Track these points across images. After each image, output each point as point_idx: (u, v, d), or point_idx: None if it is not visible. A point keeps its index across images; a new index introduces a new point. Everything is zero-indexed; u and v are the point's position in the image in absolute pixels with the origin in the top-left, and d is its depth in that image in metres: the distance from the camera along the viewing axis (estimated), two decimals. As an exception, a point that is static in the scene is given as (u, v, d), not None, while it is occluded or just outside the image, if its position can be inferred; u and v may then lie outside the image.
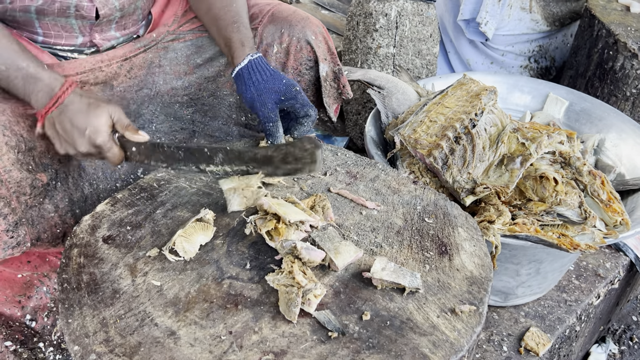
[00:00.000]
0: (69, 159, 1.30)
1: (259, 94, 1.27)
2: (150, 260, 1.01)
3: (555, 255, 1.41)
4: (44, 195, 1.22)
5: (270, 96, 1.27)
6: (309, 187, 1.22)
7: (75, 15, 1.28)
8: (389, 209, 1.17)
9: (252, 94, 1.28)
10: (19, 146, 1.17)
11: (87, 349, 0.85)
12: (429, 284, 0.99)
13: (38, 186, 1.20)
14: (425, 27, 2.07)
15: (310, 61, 1.51)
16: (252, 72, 1.30)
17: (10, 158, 1.14)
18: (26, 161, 1.18)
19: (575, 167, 1.42)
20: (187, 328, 0.88)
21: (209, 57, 1.51)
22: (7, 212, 1.13)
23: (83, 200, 1.33)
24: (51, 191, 1.24)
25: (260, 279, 0.98)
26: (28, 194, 1.18)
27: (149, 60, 1.45)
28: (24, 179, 1.16)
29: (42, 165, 1.22)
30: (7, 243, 1.15)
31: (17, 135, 1.17)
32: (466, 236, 1.11)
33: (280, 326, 0.89)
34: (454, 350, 0.87)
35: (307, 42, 1.49)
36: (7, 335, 1.40)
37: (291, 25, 1.49)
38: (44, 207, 1.22)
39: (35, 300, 1.44)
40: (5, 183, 1.13)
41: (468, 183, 1.35)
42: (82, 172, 1.33)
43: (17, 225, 1.16)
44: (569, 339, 1.63)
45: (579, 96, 1.84)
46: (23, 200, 1.17)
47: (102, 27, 1.36)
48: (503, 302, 1.57)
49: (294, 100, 1.29)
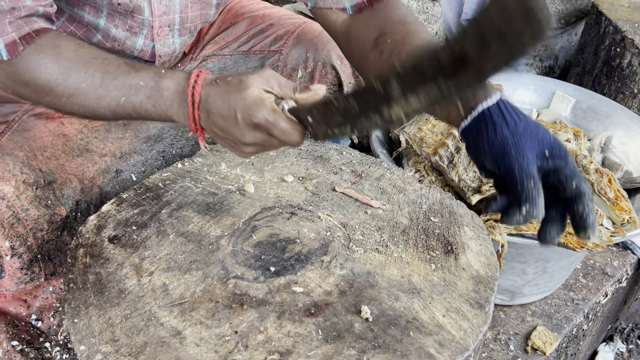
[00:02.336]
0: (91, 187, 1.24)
1: (517, 139, 0.89)
2: (155, 260, 1.01)
3: (562, 253, 1.40)
4: (62, 228, 1.20)
5: (533, 145, 0.88)
6: (313, 186, 1.22)
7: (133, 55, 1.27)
8: (395, 208, 1.16)
9: (505, 138, 0.89)
10: (38, 182, 1.13)
11: (93, 349, 0.85)
12: (435, 283, 0.98)
13: (56, 221, 1.17)
14: (430, 25, 2.07)
15: (335, 85, 1.50)
16: (506, 112, 0.92)
17: (29, 196, 1.11)
18: (45, 196, 1.15)
19: (582, 165, 1.41)
20: (192, 328, 0.88)
21: None
22: (23, 251, 1.12)
23: None
24: (70, 223, 1.22)
25: (265, 278, 0.97)
26: (45, 229, 1.16)
27: None
28: (42, 215, 1.14)
29: (63, 198, 1.19)
30: (20, 279, 1.14)
31: (36, 170, 1.14)
32: (472, 235, 1.10)
33: (286, 326, 0.89)
34: (460, 350, 0.86)
35: (332, 67, 1.47)
36: (13, 335, 1.40)
37: (317, 49, 1.47)
38: (62, 240, 1.20)
39: (41, 300, 1.45)
40: (23, 221, 1.11)
41: (474, 181, 1.34)
42: (105, 199, 1.30)
43: (32, 263, 1.15)
44: (577, 338, 1.62)
45: (586, 93, 1.83)
46: (40, 236, 1.15)
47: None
48: (510, 301, 1.56)
49: (562, 162, 0.88)
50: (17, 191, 1.10)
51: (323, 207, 1.16)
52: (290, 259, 1.02)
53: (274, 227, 1.09)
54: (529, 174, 0.85)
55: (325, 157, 1.32)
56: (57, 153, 1.22)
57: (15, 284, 1.14)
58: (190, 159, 1.30)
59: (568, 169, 0.87)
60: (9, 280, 1.13)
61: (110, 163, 1.32)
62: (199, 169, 1.26)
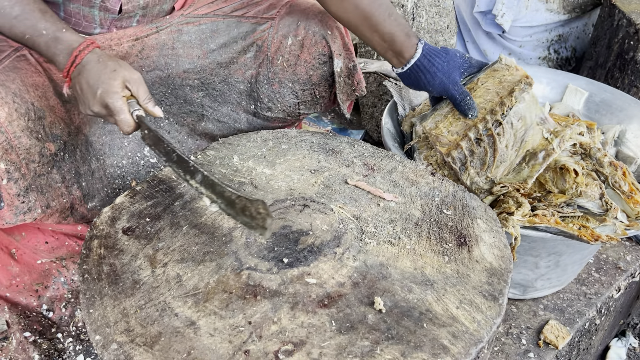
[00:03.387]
0: (77, 133, 1.31)
1: (448, 76, 1.26)
2: (169, 251, 1.02)
3: (575, 247, 1.39)
4: (51, 164, 1.24)
5: (457, 73, 1.28)
6: (325, 178, 1.22)
7: (99, 6, 1.30)
8: (407, 201, 1.16)
9: (441, 79, 1.26)
10: (29, 114, 1.19)
11: (108, 339, 0.86)
12: (448, 275, 0.98)
13: (46, 155, 1.22)
14: (442, 18, 2.06)
15: (325, 56, 1.51)
16: (433, 59, 1.27)
17: (20, 125, 1.16)
18: (36, 129, 1.20)
19: (596, 158, 1.40)
20: (206, 318, 0.89)
21: (223, 42, 1.51)
22: (18, 177, 1.16)
23: (90, 174, 1.35)
24: (59, 162, 1.27)
25: (278, 270, 0.98)
26: (37, 161, 1.20)
27: (162, 42, 1.45)
28: (33, 146, 1.19)
29: (52, 136, 1.25)
30: (18, 208, 1.18)
31: (27, 103, 1.19)
32: (485, 227, 1.10)
33: (299, 317, 0.89)
34: (474, 342, 0.86)
35: (322, 37, 1.48)
36: (25, 326, 1.41)
37: (308, 18, 1.49)
38: (52, 177, 1.25)
39: (52, 291, 1.46)
40: (16, 149, 1.16)
41: (486, 184, 1.34)
42: (90, 146, 1.35)
43: (27, 191, 1.19)
44: (589, 333, 1.61)
45: (599, 87, 1.81)
46: (32, 168, 1.20)
47: (123, 22, 1.37)
48: (522, 295, 1.55)
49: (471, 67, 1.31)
50: (10, 117, 1.15)
51: (335, 200, 1.16)
52: (303, 251, 1.02)
53: (286, 219, 1.10)
54: (464, 93, 1.24)
55: (337, 150, 1.32)
56: (47, 94, 1.27)
57: (14, 215, 1.18)
58: (203, 151, 1.30)
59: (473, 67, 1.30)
60: (7, 210, 1.17)
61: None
62: (212, 162, 1.26)
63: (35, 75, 1.25)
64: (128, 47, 1.40)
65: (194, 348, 0.84)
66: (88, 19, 1.33)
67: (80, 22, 1.34)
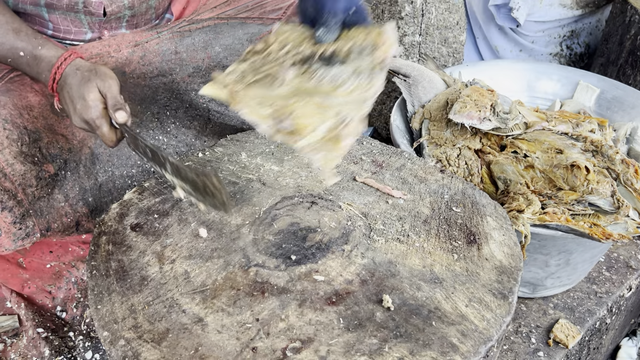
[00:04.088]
0: (81, 148, 1.30)
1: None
2: (177, 248, 1.02)
3: (585, 245, 1.38)
4: (52, 185, 1.23)
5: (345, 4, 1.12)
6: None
7: (83, 11, 1.29)
8: (416, 198, 1.15)
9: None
10: (22, 139, 1.17)
11: (116, 335, 0.86)
12: (457, 273, 0.97)
13: (44, 177, 1.21)
14: (452, 14, 2.04)
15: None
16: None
17: (13, 151, 1.15)
18: (31, 153, 1.19)
19: (608, 155, 1.38)
20: (214, 315, 0.89)
21: (228, 44, 1.50)
22: (13, 205, 1.15)
23: (97, 188, 1.34)
24: (60, 181, 1.25)
25: (286, 267, 0.97)
26: (34, 185, 1.19)
27: (164, 47, 1.43)
28: (29, 170, 1.17)
29: (50, 156, 1.23)
30: (16, 235, 1.17)
31: (20, 127, 1.17)
32: (495, 225, 1.09)
33: (307, 314, 0.89)
34: (483, 340, 0.85)
35: None
36: (38, 323, 1.42)
37: None
38: (53, 197, 1.24)
39: (64, 291, 1.47)
40: (9, 176, 1.14)
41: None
42: (96, 159, 1.34)
43: (24, 217, 1.17)
44: (599, 332, 1.60)
45: (611, 84, 1.79)
46: (29, 192, 1.18)
47: (112, 24, 1.36)
48: (531, 294, 1.54)
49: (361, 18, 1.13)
50: (1, 145, 1.13)
51: (343, 197, 1.15)
52: (311, 248, 1.01)
53: (294, 216, 1.09)
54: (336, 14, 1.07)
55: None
56: (44, 113, 1.25)
57: (13, 241, 1.17)
58: (211, 148, 1.30)
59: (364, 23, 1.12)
60: (5, 238, 1.16)
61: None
62: (220, 159, 1.26)
63: (31, 94, 1.23)
64: (128, 53, 1.38)
65: (202, 345, 0.84)
66: (76, 24, 1.32)
67: (69, 29, 1.33)
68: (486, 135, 1.52)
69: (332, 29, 1.08)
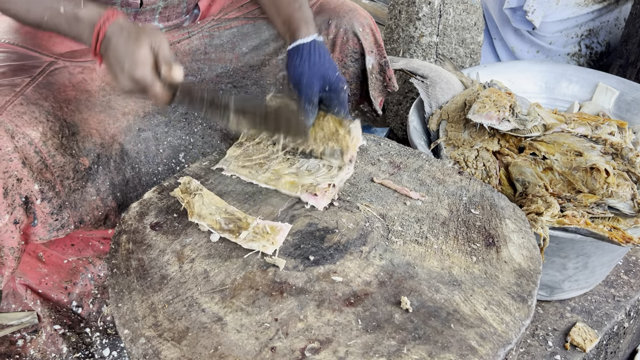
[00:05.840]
0: (112, 143, 1.32)
1: (311, 74, 1.22)
2: (196, 247, 1.02)
3: (604, 249, 1.37)
4: (86, 179, 1.25)
5: (319, 80, 1.22)
6: (351, 176, 1.21)
7: (121, 2, 1.30)
8: (434, 200, 1.15)
9: (304, 71, 1.22)
10: (63, 131, 1.20)
11: (136, 333, 0.87)
12: (476, 275, 0.97)
13: (80, 170, 1.23)
14: (470, 15, 2.03)
15: (356, 53, 1.50)
16: (313, 51, 1.25)
17: (55, 143, 1.17)
18: (69, 146, 1.21)
19: (628, 158, 1.37)
20: (233, 314, 0.89)
21: (255, 45, 1.51)
22: (52, 196, 1.17)
23: (124, 184, 1.36)
24: (93, 175, 1.27)
25: (304, 267, 0.98)
26: (71, 177, 1.21)
27: (194, 48, 1.46)
28: (67, 163, 1.20)
29: (85, 150, 1.26)
30: (52, 225, 1.19)
31: (61, 120, 1.20)
32: (514, 228, 1.08)
33: (326, 315, 0.89)
34: (503, 343, 0.85)
35: (354, 34, 1.48)
36: (55, 319, 1.44)
37: (339, 16, 1.48)
38: (86, 191, 1.26)
39: (80, 287, 1.48)
40: (50, 167, 1.17)
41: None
42: (125, 155, 1.35)
43: (61, 209, 1.19)
44: (617, 336, 1.58)
45: (631, 85, 1.77)
46: (67, 184, 1.21)
47: (145, 15, 1.37)
48: (548, 297, 1.53)
49: (335, 95, 1.24)
50: (44, 137, 1.15)
51: (361, 198, 1.15)
52: (329, 249, 1.02)
53: (312, 217, 1.09)
54: (310, 100, 1.21)
55: (363, 147, 1.31)
56: (80, 107, 1.27)
57: (48, 232, 1.19)
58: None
59: (338, 100, 1.24)
60: (41, 227, 1.18)
61: (133, 122, 1.36)
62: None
63: (69, 89, 1.25)
64: None
65: (221, 344, 0.85)
66: None
67: None
68: (504, 137, 1.51)
69: (309, 114, 1.22)
